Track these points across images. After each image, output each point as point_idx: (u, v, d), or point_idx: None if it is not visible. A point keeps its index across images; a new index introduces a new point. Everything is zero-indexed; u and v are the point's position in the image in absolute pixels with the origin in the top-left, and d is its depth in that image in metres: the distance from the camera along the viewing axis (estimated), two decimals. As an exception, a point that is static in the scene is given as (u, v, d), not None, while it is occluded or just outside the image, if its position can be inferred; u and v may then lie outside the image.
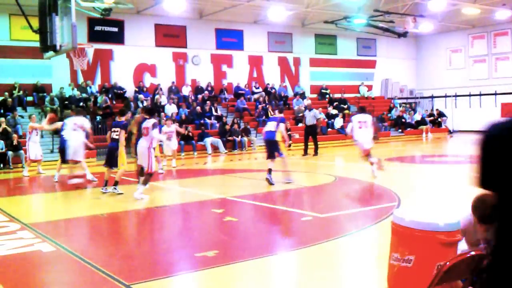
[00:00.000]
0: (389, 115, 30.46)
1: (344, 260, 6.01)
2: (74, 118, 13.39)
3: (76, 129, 13.06)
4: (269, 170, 11.83)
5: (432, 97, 33.29)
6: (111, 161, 11.37)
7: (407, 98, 34.02)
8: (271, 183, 11.63)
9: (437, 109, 31.68)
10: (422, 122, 29.70)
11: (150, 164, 10.40)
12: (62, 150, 13.47)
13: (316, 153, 19.87)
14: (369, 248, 6.65)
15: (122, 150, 11.30)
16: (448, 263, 3.55)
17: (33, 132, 15.86)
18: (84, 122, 13.44)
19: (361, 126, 12.85)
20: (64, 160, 13.50)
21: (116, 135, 11.30)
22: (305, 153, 19.94)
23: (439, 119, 30.84)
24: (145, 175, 10.58)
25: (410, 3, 26.80)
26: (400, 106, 31.57)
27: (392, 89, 34.01)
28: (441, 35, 33.10)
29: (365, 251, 6.53)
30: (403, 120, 29.84)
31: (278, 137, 11.89)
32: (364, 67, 32.96)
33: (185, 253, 6.49)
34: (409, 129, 29.27)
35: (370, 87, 33.07)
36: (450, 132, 30.33)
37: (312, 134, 20.26)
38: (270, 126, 12.10)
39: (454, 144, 25.46)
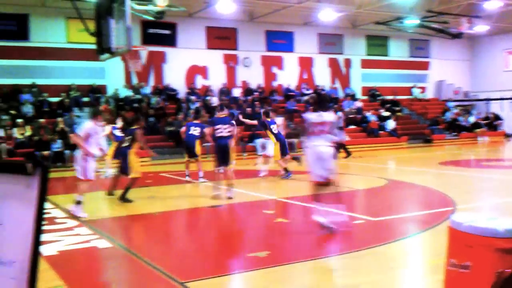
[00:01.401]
0: (443, 117, 29.76)
1: (397, 265, 5.89)
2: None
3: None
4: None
5: (488, 99, 32.30)
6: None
7: (461, 101, 33.14)
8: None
9: (492, 112, 30.73)
10: (477, 125, 28.89)
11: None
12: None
13: (348, 154, 19.50)
14: (423, 253, 6.51)
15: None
16: (508, 270, 3.44)
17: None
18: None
19: None
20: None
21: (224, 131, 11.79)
22: (348, 154, 19.65)
23: (495, 122, 29.91)
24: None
25: (464, 3, 26.11)
26: (454, 109, 30.79)
27: (446, 91, 33.22)
28: (497, 36, 32.11)
29: (420, 256, 6.40)
30: (457, 123, 29.10)
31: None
32: (417, 68, 32.34)
33: (237, 253, 6.53)
34: (464, 132, 28.52)
35: (423, 89, 32.41)
36: (506, 135, 29.35)
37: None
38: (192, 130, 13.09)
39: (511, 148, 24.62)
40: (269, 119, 13.67)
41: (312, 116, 7.30)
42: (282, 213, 9.06)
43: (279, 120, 14.06)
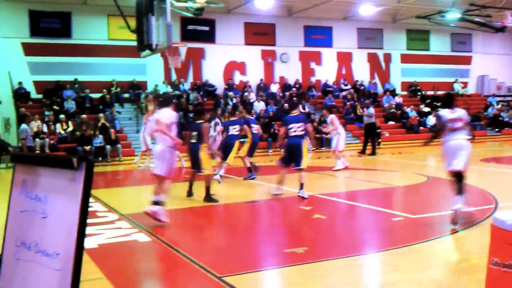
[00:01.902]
0: (485, 113, 29.07)
1: (436, 263, 5.81)
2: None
3: None
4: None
5: (532, 95, 31.38)
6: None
7: (505, 96, 32.26)
8: None
9: (537, 108, 29.84)
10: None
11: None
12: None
13: (373, 153, 19.16)
14: (463, 251, 6.40)
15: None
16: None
17: (147, 123, 16.56)
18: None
19: None
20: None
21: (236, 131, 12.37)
22: (363, 151, 19.29)
23: (540, 119, 29.05)
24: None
25: (509, -4, 25.40)
26: (497, 104, 30.02)
27: (489, 87, 32.40)
28: (542, 29, 31.10)
29: (460, 254, 6.30)
30: (499, 119, 28.37)
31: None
32: (458, 63, 31.64)
33: (274, 249, 6.56)
34: (506, 128, 27.78)
35: (465, 84, 31.71)
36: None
37: (369, 133, 19.50)
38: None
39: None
40: (251, 117, 13.65)
41: (446, 113, 7.76)
42: (319, 209, 9.03)
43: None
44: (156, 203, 7.78)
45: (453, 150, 7.61)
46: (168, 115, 8.01)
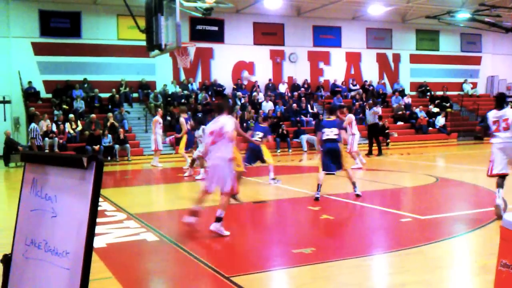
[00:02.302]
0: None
1: (445, 264, 5.79)
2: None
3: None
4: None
5: (543, 95, 31.15)
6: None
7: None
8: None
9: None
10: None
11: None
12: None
13: (380, 153, 19.01)
14: (472, 253, 6.37)
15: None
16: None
17: (157, 124, 16.83)
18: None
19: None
20: None
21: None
22: (369, 153, 19.02)
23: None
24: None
25: (520, -4, 25.26)
26: (506, 105, 29.78)
27: (499, 87, 32.20)
28: (553, 29, 30.87)
29: (469, 256, 6.27)
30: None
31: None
32: (468, 63, 31.50)
33: (282, 249, 6.56)
34: (517, 129, 27.61)
35: (474, 85, 31.56)
36: None
37: (373, 133, 19.31)
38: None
39: None
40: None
41: (492, 114, 7.92)
42: (327, 209, 9.02)
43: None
44: (218, 219, 7.09)
45: (502, 152, 7.76)
46: (229, 122, 7.19)
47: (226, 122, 7.16)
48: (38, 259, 2.73)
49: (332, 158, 9.92)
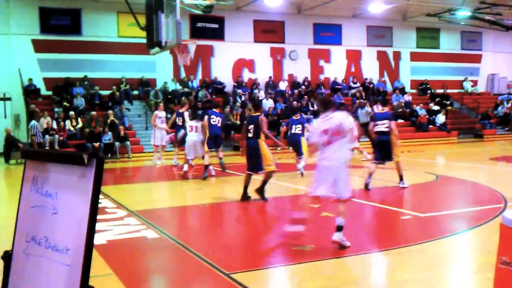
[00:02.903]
0: (495, 112, 28.90)
1: (445, 262, 5.80)
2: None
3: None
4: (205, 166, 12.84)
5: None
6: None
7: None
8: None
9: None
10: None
11: None
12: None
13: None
14: (472, 250, 6.38)
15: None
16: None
17: (156, 119, 16.71)
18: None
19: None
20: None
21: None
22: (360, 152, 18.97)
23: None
24: None
25: (520, -6, 25.23)
26: (507, 103, 29.83)
27: (499, 85, 32.20)
28: (554, 27, 30.85)
29: (469, 253, 6.27)
30: (510, 118, 28.20)
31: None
32: (468, 61, 31.49)
33: (282, 246, 6.56)
34: (517, 127, 27.63)
35: (474, 83, 31.55)
36: None
37: (365, 132, 19.26)
38: (216, 121, 12.86)
39: None
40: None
41: None
42: (328, 207, 9.02)
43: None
44: (339, 228, 6.29)
45: None
46: (348, 119, 6.36)
47: (343, 119, 6.32)
48: (38, 255, 2.74)
49: (385, 150, 10.32)
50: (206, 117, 13.09)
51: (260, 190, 9.47)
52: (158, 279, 5.59)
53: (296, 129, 13.22)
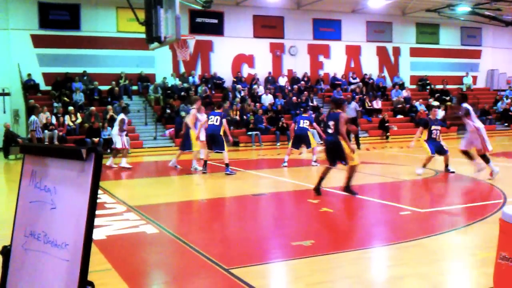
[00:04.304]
0: (495, 108, 28.90)
1: (444, 257, 5.80)
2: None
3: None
4: (205, 162, 13.14)
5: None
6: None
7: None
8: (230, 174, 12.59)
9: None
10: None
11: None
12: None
13: (358, 147, 18.90)
14: (471, 246, 6.38)
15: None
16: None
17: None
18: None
19: None
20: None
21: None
22: (359, 146, 19.01)
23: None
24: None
25: (520, -11, 25.19)
26: (507, 99, 29.83)
27: (499, 81, 32.17)
28: (554, 23, 30.81)
29: (468, 249, 6.27)
30: (510, 113, 28.20)
31: (221, 132, 12.72)
32: (468, 57, 31.45)
33: (281, 241, 6.57)
34: (516, 122, 27.63)
35: (474, 78, 31.53)
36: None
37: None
38: (213, 120, 12.86)
39: None
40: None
41: None
42: (327, 202, 9.03)
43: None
44: None
45: None
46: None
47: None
48: (37, 250, 2.74)
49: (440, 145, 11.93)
50: (205, 116, 13.24)
51: (347, 187, 9.54)
52: (157, 274, 5.59)
53: (304, 123, 13.95)
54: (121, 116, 14.65)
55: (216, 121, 12.83)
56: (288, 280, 5.26)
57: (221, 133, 12.77)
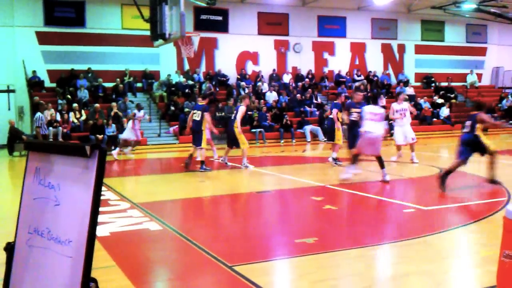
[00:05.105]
0: (500, 105, 28.79)
1: (448, 255, 5.79)
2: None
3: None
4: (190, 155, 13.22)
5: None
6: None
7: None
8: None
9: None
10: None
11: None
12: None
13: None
14: (475, 243, 6.36)
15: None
16: None
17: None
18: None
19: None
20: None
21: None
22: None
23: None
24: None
25: (526, -14, 25.07)
26: (511, 96, 29.70)
27: (504, 78, 32.04)
28: (560, 20, 30.65)
29: (471, 246, 6.26)
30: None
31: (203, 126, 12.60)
32: (473, 54, 31.33)
33: (285, 239, 6.57)
34: (521, 120, 27.51)
35: (479, 76, 31.41)
36: None
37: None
38: (196, 115, 12.66)
39: None
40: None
41: None
42: (331, 200, 9.03)
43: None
44: None
45: None
46: None
47: None
48: (41, 247, 2.75)
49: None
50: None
51: (492, 180, 9.85)
52: (160, 271, 5.60)
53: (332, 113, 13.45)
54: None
55: (198, 116, 12.62)
56: (292, 278, 5.27)
57: (203, 127, 12.61)
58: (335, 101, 14.01)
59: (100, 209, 2.50)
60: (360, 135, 10.73)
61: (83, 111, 20.60)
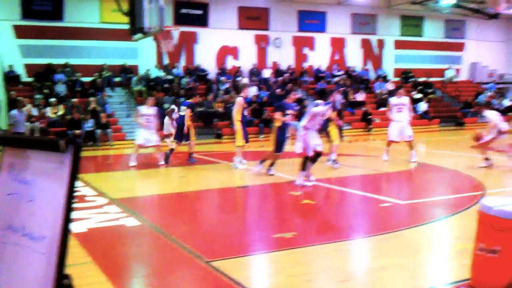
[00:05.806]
0: (476, 100, 29.18)
1: (423, 248, 5.87)
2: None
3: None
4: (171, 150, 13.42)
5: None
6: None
7: (496, 83, 32.37)
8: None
9: (529, 96, 30.00)
10: (511, 108, 28.22)
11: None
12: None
13: (341, 139, 18.87)
14: (450, 237, 6.47)
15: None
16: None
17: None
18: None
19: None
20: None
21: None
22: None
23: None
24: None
25: (503, -18, 25.35)
26: (488, 92, 30.10)
27: (481, 74, 32.45)
28: (536, 16, 31.16)
29: (446, 240, 6.36)
30: (490, 106, 28.49)
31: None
32: (451, 50, 31.65)
33: (263, 234, 6.60)
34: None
35: (457, 71, 31.77)
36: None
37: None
38: (182, 110, 13.21)
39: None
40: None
41: None
42: (309, 194, 9.08)
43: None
44: None
45: None
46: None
47: None
48: (15, 244, 2.72)
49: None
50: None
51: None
52: (137, 267, 5.59)
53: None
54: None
55: (183, 112, 13.11)
56: (269, 272, 5.29)
57: (187, 124, 13.00)
58: (326, 101, 12.61)
59: (77, 205, 2.49)
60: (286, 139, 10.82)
61: (60, 106, 20.35)
